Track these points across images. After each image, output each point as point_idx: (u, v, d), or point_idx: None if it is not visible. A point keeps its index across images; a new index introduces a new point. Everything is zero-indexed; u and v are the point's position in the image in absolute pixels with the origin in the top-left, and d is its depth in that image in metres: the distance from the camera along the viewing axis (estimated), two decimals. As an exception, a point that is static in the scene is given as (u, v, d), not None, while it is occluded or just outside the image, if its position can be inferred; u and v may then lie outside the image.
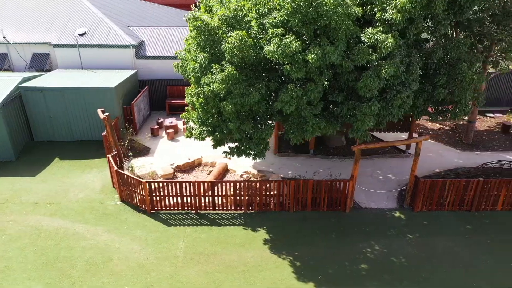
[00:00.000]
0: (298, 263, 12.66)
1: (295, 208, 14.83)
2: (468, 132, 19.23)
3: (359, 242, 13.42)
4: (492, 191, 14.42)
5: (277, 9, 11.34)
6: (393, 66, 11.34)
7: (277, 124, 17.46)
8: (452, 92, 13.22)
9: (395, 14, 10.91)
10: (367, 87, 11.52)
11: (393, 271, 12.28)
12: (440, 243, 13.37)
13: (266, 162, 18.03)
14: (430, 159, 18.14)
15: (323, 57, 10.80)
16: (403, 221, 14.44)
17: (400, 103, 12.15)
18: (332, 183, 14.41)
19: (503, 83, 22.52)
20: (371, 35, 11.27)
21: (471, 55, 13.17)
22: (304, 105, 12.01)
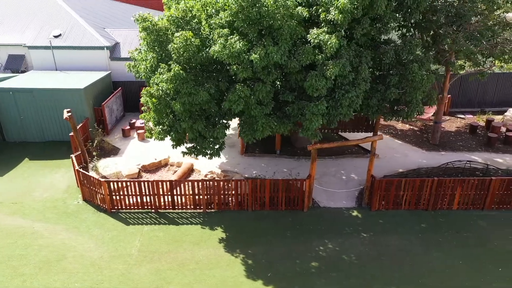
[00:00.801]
0: (250, 261, 12.79)
1: (253, 207, 14.96)
2: (434, 133, 19.40)
3: (313, 241, 13.56)
4: (447, 190, 14.56)
5: (224, 9, 11.51)
6: (339, 66, 11.51)
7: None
8: (405, 92, 13.40)
9: (337, 15, 11.09)
10: (314, 86, 11.68)
11: (342, 269, 12.40)
12: (392, 241, 13.50)
13: (232, 162, 18.20)
14: (395, 159, 18.31)
15: (266, 57, 10.97)
16: (360, 220, 14.58)
17: (349, 103, 12.31)
18: (289, 182, 14.56)
19: (474, 85, 22.71)
20: (315, 36, 11.46)
21: (422, 55, 13.33)
22: (254, 105, 12.17)
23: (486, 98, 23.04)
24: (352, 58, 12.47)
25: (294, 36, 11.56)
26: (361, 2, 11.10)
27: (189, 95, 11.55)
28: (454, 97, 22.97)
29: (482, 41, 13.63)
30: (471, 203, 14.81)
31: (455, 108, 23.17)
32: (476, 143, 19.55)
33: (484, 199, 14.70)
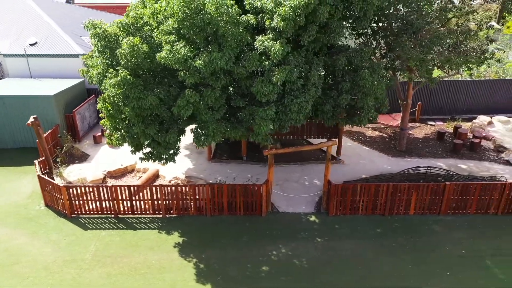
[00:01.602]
0: (202, 265, 12.87)
1: (212, 212, 15.08)
2: (401, 140, 19.60)
3: (267, 245, 13.65)
4: (402, 196, 14.70)
5: (172, 16, 11.75)
6: (285, 72, 11.72)
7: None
8: (357, 98, 13.61)
9: (279, 22, 11.33)
10: (261, 92, 11.89)
11: (291, 273, 12.49)
12: (346, 246, 13.61)
13: (199, 168, 18.35)
14: (361, 165, 18.47)
15: (211, 63, 11.17)
16: (316, 225, 14.70)
17: (298, 108, 12.50)
18: (247, 187, 14.69)
19: (445, 93, 22.97)
20: (261, 42, 11.69)
21: (374, 62, 13.56)
22: (204, 110, 12.36)
23: (457, 106, 23.29)
24: (303, 64, 12.71)
25: (241, 43, 11.78)
26: (304, 10, 11.34)
27: (138, 100, 11.74)
28: (425, 104, 23.22)
29: (432, 49, 13.88)
30: (427, 208, 14.94)
31: (427, 115, 23.40)
32: (443, 149, 19.74)
33: (440, 204, 14.83)
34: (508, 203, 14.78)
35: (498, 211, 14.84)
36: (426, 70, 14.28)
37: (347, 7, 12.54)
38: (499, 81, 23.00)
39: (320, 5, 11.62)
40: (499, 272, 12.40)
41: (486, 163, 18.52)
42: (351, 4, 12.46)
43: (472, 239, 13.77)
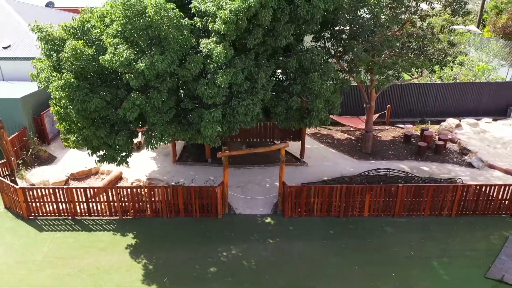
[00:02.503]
0: (151, 266, 12.96)
1: (168, 214, 15.17)
2: (366, 142, 19.72)
3: (218, 247, 13.74)
4: (356, 197, 14.81)
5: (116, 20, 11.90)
6: (229, 74, 11.85)
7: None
8: (308, 101, 13.75)
9: (221, 26, 11.47)
10: (205, 94, 12.02)
11: (238, 274, 12.58)
12: (296, 247, 13.70)
13: (163, 171, 18.46)
14: (324, 167, 18.58)
15: (152, 66, 11.31)
16: (271, 226, 14.79)
17: (245, 111, 12.62)
18: (201, 189, 14.80)
19: (415, 95, 23.10)
20: (204, 45, 11.83)
21: (325, 65, 13.69)
22: (152, 112, 12.48)
23: (427, 108, 23.41)
24: (251, 67, 12.84)
25: (185, 46, 11.91)
26: (245, 13, 11.48)
27: (83, 103, 11.86)
28: (396, 107, 23.34)
29: (382, 52, 14.03)
30: (381, 210, 15.04)
31: (397, 118, 23.52)
32: (408, 152, 19.86)
33: (394, 206, 14.94)
34: (460, 205, 14.88)
35: (452, 213, 14.94)
36: (379, 72, 14.41)
37: (293, 10, 12.67)
38: (468, 84, 23.14)
39: (263, 8, 11.76)
40: (444, 273, 12.49)
41: (449, 165, 18.64)
42: (298, 7, 12.59)
43: (422, 241, 13.87)
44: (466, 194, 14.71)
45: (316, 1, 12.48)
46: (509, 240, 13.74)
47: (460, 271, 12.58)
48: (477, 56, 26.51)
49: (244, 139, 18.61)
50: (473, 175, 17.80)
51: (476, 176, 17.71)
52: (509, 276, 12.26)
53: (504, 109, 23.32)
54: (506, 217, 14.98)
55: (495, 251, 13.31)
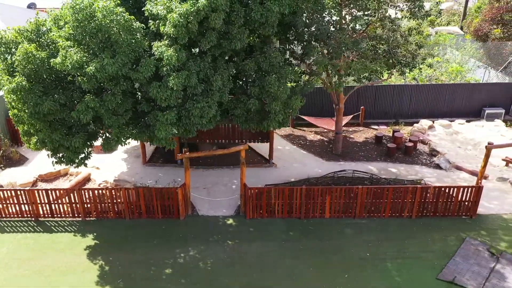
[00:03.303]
0: (107, 267, 13.03)
1: (131, 215, 15.24)
2: (336, 143, 19.80)
3: (177, 248, 13.82)
4: (317, 199, 14.89)
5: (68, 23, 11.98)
6: (181, 77, 11.93)
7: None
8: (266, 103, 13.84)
9: (170, 29, 11.56)
10: (158, 97, 12.11)
11: (192, 276, 12.66)
12: (254, 249, 13.77)
13: (132, 172, 18.53)
14: (293, 169, 18.66)
15: (102, 69, 11.38)
16: (232, 227, 14.87)
17: (201, 113, 12.70)
18: (162, 191, 14.88)
19: (389, 97, 23.16)
20: (156, 48, 11.92)
21: (284, 67, 13.77)
22: (108, 115, 12.56)
23: (402, 110, 23.49)
24: (207, 70, 12.93)
25: (137, 49, 11.99)
26: (195, 16, 11.57)
27: (35, 106, 11.93)
28: (371, 108, 23.40)
29: (340, 55, 14.11)
30: (342, 211, 15.13)
31: (372, 119, 23.59)
32: (378, 153, 19.95)
33: (354, 207, 15.02)
34: (421, 206, 14.96)
35: (412, 214, 15.02)
36: (337, 74, 14.49)
37: (248, 13, 12.75)
38: (442, 85, 23.24)
39: (214, 12, 11.84)
40: (396, 274, 12.58)
41: (417, 166, 18.73)
42: (252, 10, 12.68)
43: (380, 242, 13.95)
44: (425, 196, 14.79)
45: (270, 5, 12.57)
46: (466, 241, 13.83)
47: (413, 272, 12.66)
48: (453, 58, 26.62)
49: (212, 141, 18.70)
50: (439, 176, 17.89)
51: (442, 177, 17.81)
52: (460, 278, 12.34)
53: (478, 111, 23.41)
54: (466, 218, 15.06)
55: (450, 252, 13.40)
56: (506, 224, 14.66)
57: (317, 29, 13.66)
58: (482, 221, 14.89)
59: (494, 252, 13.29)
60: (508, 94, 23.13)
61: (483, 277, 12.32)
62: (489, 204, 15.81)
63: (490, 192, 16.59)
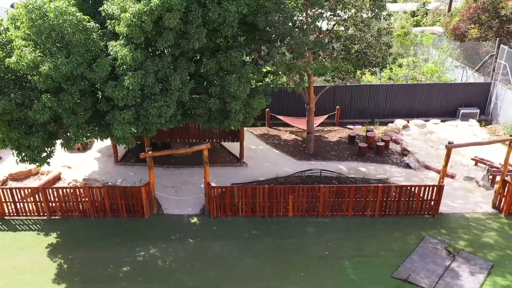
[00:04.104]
0: (66, 266, 13.11)
1: (96, 214, 15.32)
2: (308, 143, 19.89)
3: (137, 246, 13.89)
4: (279, 198, 14.98)
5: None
6: (136, 76, 12.00)
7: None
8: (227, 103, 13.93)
9: (124, 29, 11.64)
10: (115, 96, 12.18)
11: (149, 274, 12.75)
12: (215, 247, 13.85)
13: (103, 171, 18.61)
14: (264, 168, 18.74)
15: (56, 68, 11.46)
16: (195, 226, 14.96)
17: (159, 112, 12.78)
18: (126, 190, 14.96)
19: (365, 96, 23.23)
20: (111, 48, 12.00)
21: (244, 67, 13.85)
22: (67, 114, 12.64)
23: (378, 109, 23.56)
24: (166, 69, 13.00)
25: (94, 49, 12.07)
26: (149, 16, 11.64)
27: (-10, 105, 12.02)
28: (347, 108, 23.48)
29: (301, 55, 14.19)
30: (306, 210, 15.21)
31: (348, 119, 23.66)
32: (350, 152, 20.03)
33: (317, 206, 15.11)
34: (383, 205, 15.05)
35: (375, 213, 15.11)
36: (299, 73, 14.57)
37: (206, 13, 12.83)
38: (418, 85, 23.32)
39: (169, 11, 11.91)
40: (352, 273, 12.67)
41: (387, 166, 18.82)
42: (209, 10, 12.75)
43: (340, 241, 14.03)
44: (387, 195, 14.88)
45: (227, 5, 12.65)
46: (425, 240, 13.93)
47: (369, 270, 12.75)
48: (431, 58, 26.72)
49: (183, 140, 18.77)
50: (408, 175, 17.99)
51: (410, 176, 17.90)
52: (415, 276, 12.44)
53: (454, 111, 23.49)
54: (428, 217, 15.15)
55: (409, 251, 13.48)
56: (467, 223, 14.76)
57: (277, 29, 13.73)
58: (444, 220, 14.99)
59: (451, 251, 13.38)
60: (483, 94, 23.22)
61: (437, 275, 12.42)
62: (453, 203, 15.90)
63: (456, 191, 16.69)
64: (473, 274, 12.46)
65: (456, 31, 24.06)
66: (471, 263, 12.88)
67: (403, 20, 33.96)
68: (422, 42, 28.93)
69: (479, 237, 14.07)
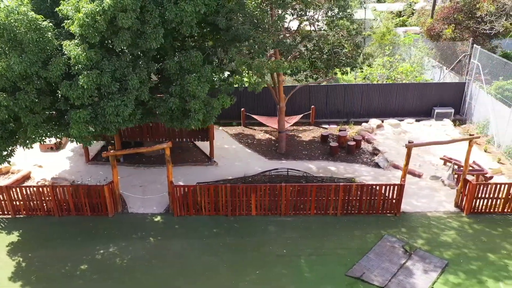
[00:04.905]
0: (24, 264, 13.18)
1: (60, 213, 15.40)
2: (280, 142, 19.98)
3: (97, 245, 13.97)
4: (242, 197, 15.06)
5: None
6: (91, 76, 12.08)
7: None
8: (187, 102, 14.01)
9: (76, 29, 11.73)
10: (70, 95, 12.27)
11: (106, 272, 12.82)
12: (174, 246, 13.93)
13: (73, 170, 18.69)
14: (234, 167, 18.82)
15: (9, 68, 11.53)
16: (158, 225, 15.04)
17: (116, 111, 12.86)
18: (89, 188, 15.04)
19: (341, 96, 23.31)
20: (65, 48, 12.08)
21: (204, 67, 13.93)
22: (24, 113, 12.72)
23: (353, 109, 23.65)
24: (125, 69, 13.08)
25: (49, 48, 12.15)
26: (102, 16, 11.72)
27: None
28: (323, 107, 23.57)
29: (260, 55, 14.28)
30: (269, 209, 15.30)
31: (324, 119, 23.75)
32: (321, 152, 20.11)
33: (280, 205, 15.19)
34: (345, 204, 15.14)
35: (337, 212, 15.20)
36: (260, 73, 14.65)
37: (163, 13, 12.91)
38: (393, 85, 23.42)
39: (123, 11, 12.00)
40: (307, 271, 12.75)
41: (357, 165, 18.91)
42: (166, 10, 12.84)
43: (300, 239, 14.11)
44: (349, 194, 14.98)
45: (184, 5, 12.73)
46: (383, 239, 14.01)
47: (324, 268, 12.83)
48: (408, 58, 26.82)
49: (153, 139, 18.84)
50: (376, 175, 18.08)
51: (378, 175, 18.00)
52: (369, 274, 12.52)
53: (429, 110, 23.59)
54: (391, 216, 15.24)
55: (366, 249, 13.57)
56: (428, 222, 14.85)
57: (236, 29, 13.82)
58: (405, 218, 15.08)
59: (408, 249, 13.47)
60: (458, 94, 23.32)
61: (391, 273, 12.51)
62: (417, 202, 16.00)
63: (421, 190, 16.79)
64: (426, 272, 12.55)
65: (431, 31, 24.15)
66: (426, 261, 12.98)
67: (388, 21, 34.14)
68: (404, 42, 29.02)
69: (438, 235, 14.16)
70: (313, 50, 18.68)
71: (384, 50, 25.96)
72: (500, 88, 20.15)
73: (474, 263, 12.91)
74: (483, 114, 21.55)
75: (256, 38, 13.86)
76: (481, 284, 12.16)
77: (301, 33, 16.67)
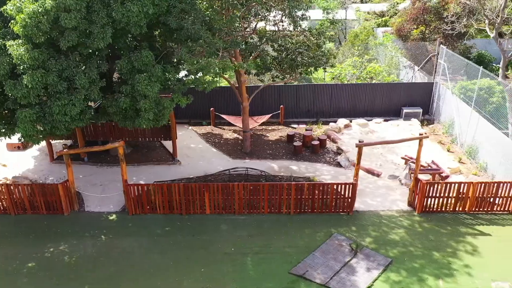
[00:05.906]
0: (-28, 262, 13.32)
1: (16, 211, 15.51)
2: (245, 141, 20.11)
3: (48, 243, 14.08)
4: (195, 195, 15.18)
5: None
6: (35, 75, 12.20)
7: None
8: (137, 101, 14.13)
9: (19, 29, 11.86)
10: (14, 94, 12.39)
11: (52, 269, 12.93)
12: (125, 244, 14.04)
13: (37, 169, 18.81)
14: (197, 166, 18.95)
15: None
16: (112, 223, 15.15)
17: (64, 110, 12.97)
18: (44, 187, 15.15)
19: (309, 96, 23.42)
20: (9, 48, 12.20)
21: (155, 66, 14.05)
22: (-27, 112, 12.85)
23: (323, 109, 23.78)
24: (73, 68, 13.19)
25: (-4, 47, 12.30)
26: (45, 17, 11.84)
27: None
28: (293, 107, 23.68)
29: (212, 55, 14.41)
30: (223, 207, 15.42)
31: (294, 118, 23.87)
32: (286, 151, 20.24)
33: (234, 204, 15.32)
34: (298, 203, 15.26)
35: (291, 210, 15.33)
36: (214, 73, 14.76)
37: (109, 14, 13.02)
38: (361, 85, 23.56)
39: (67, 12, 12.11)
40: (251, 269, 12.87)
41: (319, 164, 19.04)
42: (113, 10, 12.95)
43: (250, 237, 14.23)
44: (301, 192, 15.11)
45: (130, 5, 12.85)
46: (332, 237, 14.14)
47: (269, 267, 12.95)
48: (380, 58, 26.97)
49: (115, 138, 18.91)
50: (336, 174, 18.22)
51: (338, 175, 18.13)
52: (312, 272, 12.65)
53: (398, 110, 23.73)
54: (343, 215, 15.37)
55: (313, 247, 13.69)
56: (379, 221, 14.98)
57: (186, 29, 13.93)
58: (357, 217, 15.21)
59: (354, 247, 13.60)
60: (427, 94, 23.47)
61: (334, 271, 12.64)
62: (371, 201, 16.14)
63: (378, 189, 16.94)
64: (369, 270, 12.68)
65: (400, 32, 24.30)
66: (371, 259, 13.11)
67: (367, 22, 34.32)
68: (379, 43, 29.20)
69: (386, 234, 14.30)
70: (279, 51, 18.82)
71: (355, 50, 26.10)
72: (463, 88, 20.31)
73: (417, 261, 13.05)
74: (449, 114, 21.70)
75: (206, 39, 13.98)
76: (421, 281, 12.30)
77: (259, 33, 16.79)
